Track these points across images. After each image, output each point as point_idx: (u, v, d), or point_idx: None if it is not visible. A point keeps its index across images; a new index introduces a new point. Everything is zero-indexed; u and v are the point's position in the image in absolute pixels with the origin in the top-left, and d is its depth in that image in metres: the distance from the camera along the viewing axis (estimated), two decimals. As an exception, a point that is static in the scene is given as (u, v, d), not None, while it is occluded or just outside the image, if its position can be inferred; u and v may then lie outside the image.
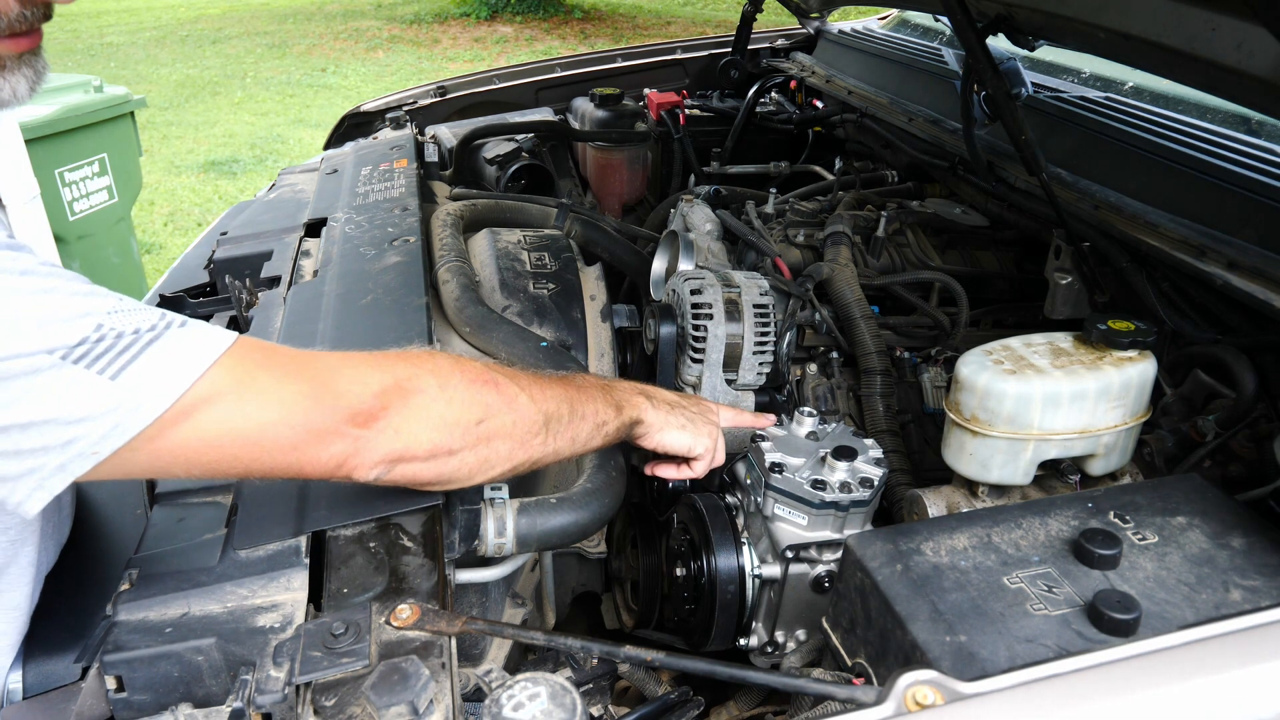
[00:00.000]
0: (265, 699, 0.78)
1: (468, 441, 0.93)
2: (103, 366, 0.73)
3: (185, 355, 0.77)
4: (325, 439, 0.85)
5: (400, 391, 0.89)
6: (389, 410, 0.87)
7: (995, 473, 1.16)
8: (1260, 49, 1.12)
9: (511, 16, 12.54)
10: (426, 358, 0.94)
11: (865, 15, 3.00)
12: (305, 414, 0.83)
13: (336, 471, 0.87)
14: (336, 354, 0.91)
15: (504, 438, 0.96)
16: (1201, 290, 1.30)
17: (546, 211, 1.87)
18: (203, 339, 0.80)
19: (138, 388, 0.74)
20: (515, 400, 0.97)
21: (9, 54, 0.83)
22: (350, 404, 0.86)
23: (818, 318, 1.63)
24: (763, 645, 1.23)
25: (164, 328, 0.78)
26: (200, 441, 0.79)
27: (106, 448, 0.74)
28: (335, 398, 0.85)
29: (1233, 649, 0.74)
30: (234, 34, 12.21)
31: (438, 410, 0.91)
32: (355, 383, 0.87)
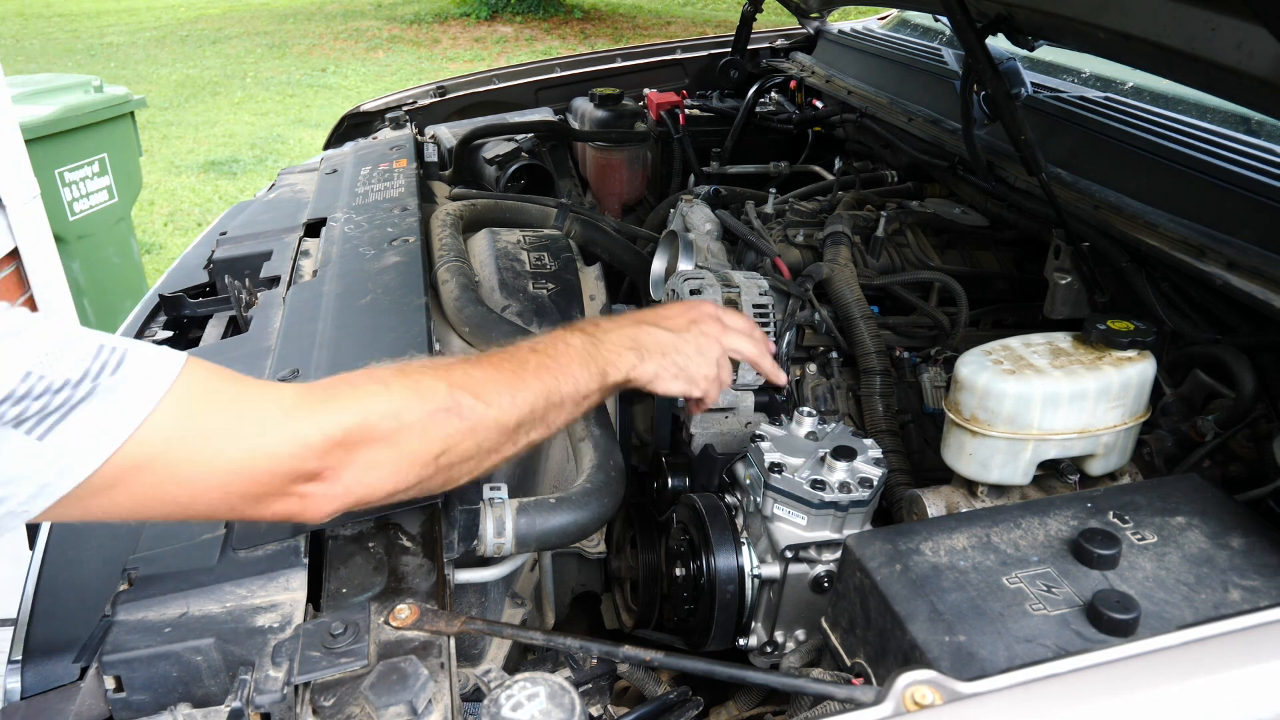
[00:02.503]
0: (264, 699, 0.78)
1: (426, 475, 0.88)
2: (30, 425, 0.69)
3: (116, 414, 0.72)
4: (267, 500, 0.80)
5: (347, 446, 0.82)
6: (336, 469, 0.82)
7: (995, 473, 1.16)
8: (1260, 49, 1.12)
9: (511, 16, 12.55)
10: (380, 390, 0.86)
11: (865, 15, 3.00)
12: (244, 479, 0.78)
13: (286, 520, 0.84)
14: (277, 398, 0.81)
15: (468, 458, 0.91)
16: (1201, 290, 1.30)
17: (546, 211, 1.87)
18: (137, 390, 0.73)
19: (64, 450, 0.70)
20: (480, 422, 0.90)
21: None
22: (292, 467, 0.80)
23: (817, 318, 1.63)
24: (762, 645, 1.23)
25: (97, 375, 0.72)
26: (135, 500, 0.76)
27: (37, 506, 0.71)
28: (275, 461, 0.79)
29: (1232, 649, 0.74)
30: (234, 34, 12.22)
31: (390, 458, 0.85)
32: (296, 442, 0.80)
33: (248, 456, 0.78)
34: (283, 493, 0.80)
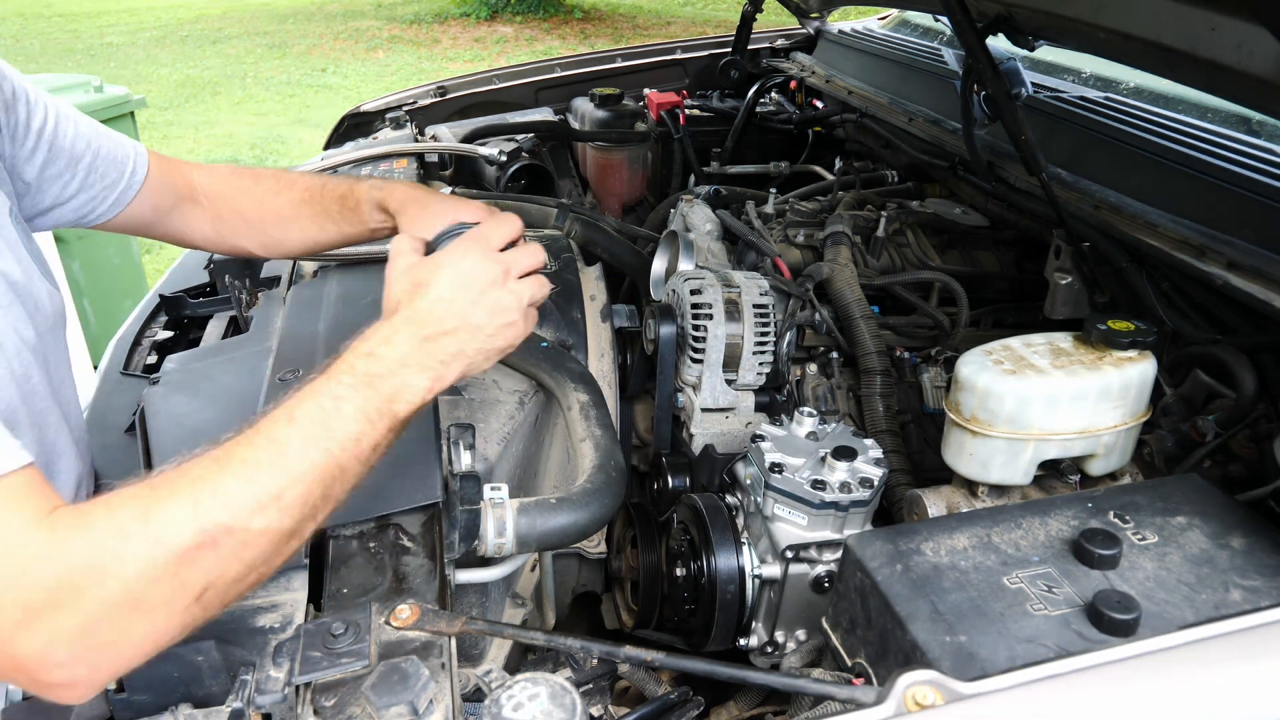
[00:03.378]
0: (265, 699, 0.78)
1: (193, 617, 0.74)
2: None
3: None
4: (16, 679, 0.70)
5: (91, 648, 0.68)
6: (79, 680, 0.69)
7: (995, 473, 1.16)
8: (1260, 49, 1.12)
9: (511, 16, 12.55)
10: (117, 545, 0.70)
11: (865, 15, 3.00)
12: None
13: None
14: (16, 572, 0.68)
15: (241, 579, 0.77)
16: (1201, 290, 1.30)
17: (546, 211, 1.87)
18: None
19: None
20: (244, 544, 0.75)
21: None
22: (33, 679, 0.68)
23: (818, 318, 1.63)
24: (763, 645, 1.23)
25: None
26: None
27: None
28: (15, 667, 0.67)
29: (1233, 649, 0.74)
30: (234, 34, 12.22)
31: (145, 627, 0.71)
32: (36, 660, 0.67)
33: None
34: (31, 680, 0.69)
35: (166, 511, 0.72)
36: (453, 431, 1.09)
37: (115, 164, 1.20)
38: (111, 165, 1.20)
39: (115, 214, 1.22)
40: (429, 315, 0.90)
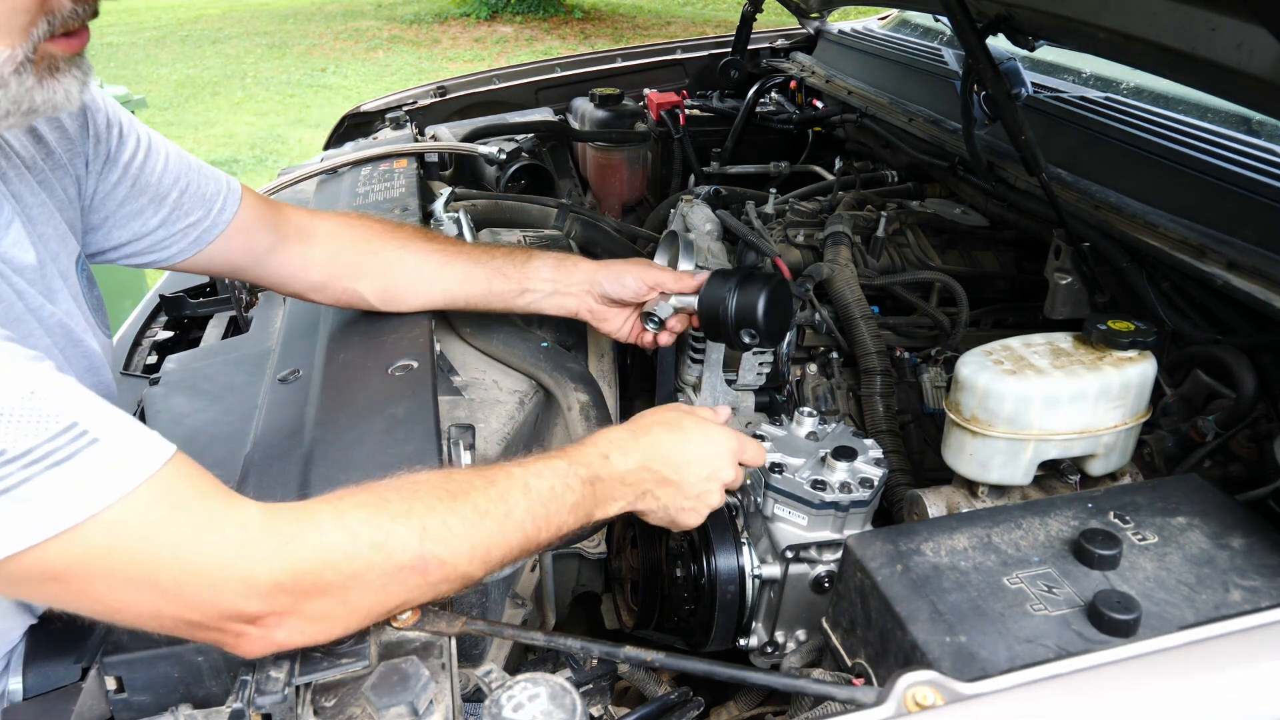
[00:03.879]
0: (265, 700, 0.78)
1: (372, 621, 0.83)
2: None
3: (47, 507, 0.66)
4: (198, 629, 0.76)
5: (296, 594, 0.76)
6: (278, 616, 0.76)
7: (995, 473, 1.16)
8: (1260, 49, 1.12)
9: (511, 16, 12.55)
10: (342, 544, 0.78)
11: (865, 15, 3.00)
12: (177, 607, 0.73)
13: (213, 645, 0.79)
14: (245, 525, 0.76)
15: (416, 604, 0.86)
16: (1201, 290, 1.30)
17: (546, 212, 1.87)
18: (84, 485, 0.68)
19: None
20: (445, 579, 0.84)
21: (61, 55, 0.79)
22: (231, 606, 0.74)
23: (818, 318, 1.63)
24: (763, 645, 1.23)
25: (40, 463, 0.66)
26: (54, 594, 0.72)
27: None
28: (215, 596, 0.73)
29: (1233, 649, 0.74)
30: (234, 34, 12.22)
31: (339, 612, 0.79)
32: (242, 583, 0.74)
33: (188, 584, 0.73)
34: (216, 628, 0.75)
35: (397, 530, 0.80)
36: (453, 431, 1.09)
37: (203, 201, 1.15)
38: (199, 202, 1.15)
39: (195, 253, 1.17)
40: (665, 460, 1.02)
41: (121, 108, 1.11)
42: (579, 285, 1.36)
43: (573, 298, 1.37)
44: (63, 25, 0.78)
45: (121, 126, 1.09)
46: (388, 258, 1.29)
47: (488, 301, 1.35)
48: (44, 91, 0.79)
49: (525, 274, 1.34)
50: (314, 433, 1.07)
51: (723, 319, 1.29)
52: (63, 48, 0.80)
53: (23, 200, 0.95)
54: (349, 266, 1.28)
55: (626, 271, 1.35)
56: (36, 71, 0.78)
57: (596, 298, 1.37)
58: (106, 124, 1.07)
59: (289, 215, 1.26)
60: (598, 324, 1.40)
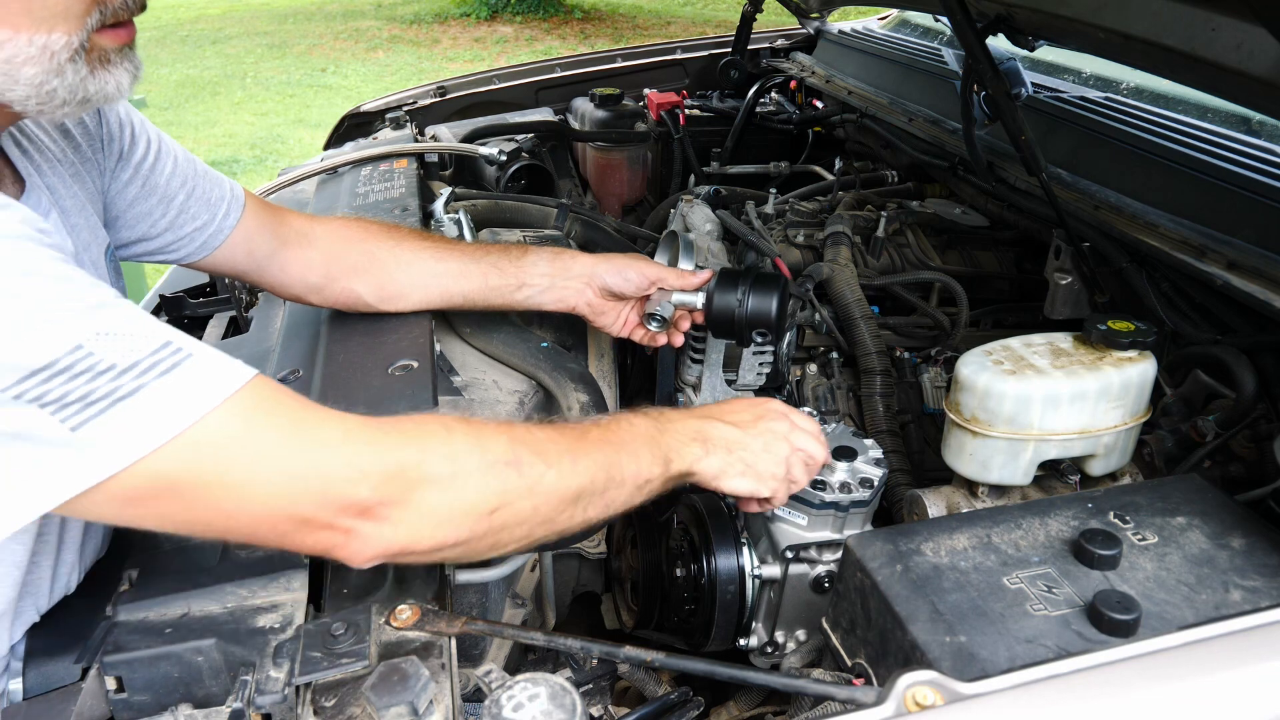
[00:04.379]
0: (265, 699, 0.78)
1: (478, 531, 0.84)
2: (65, 414, 0.67)
3: (161, 413, 0.70)
4: (311, 527, 0.77)
5: (403, 483, 0.79)
6: (388, 503, 0.78)
7: (995, 473, 1.16)
8: (1260, 49, 1.12)
9: (511, 16, 12.54)
10: (440, 435, 0.83)
11: (865, 15, 3.00)
12: (292, 499, 0.76)
13: (326, 555, 0.81)
14: (338, 422, 0.80)
15: (522, 522, 0.87)
16: (1201, 290, 1.30)
17: (546, 212, 1.87)
18: (192, 392, 0.71)
19: (95, 444, 0.68)
20: (540, 481, 0.86)
21: (112, 46, 0.82)
22: (344, 493, 0.77)
23: (818, 318, 1.63)
24: (763, 645, 1.23)
25: (150, 371, 0.70)
26: (170, 506, 0.74)
27: (54, 498, 0.69)
28: (327, 484, 0.76)
29: (1233, 649, 0.74)
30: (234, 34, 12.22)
31: (445, 501, 0.81)
32: (353, 468, 0.77)
33: (299, 477, 0.76)
34: (328, 523, 0.77)
35: (487, 429, 0.87)
36: (453, 432, 1.09)
37: (208, 205, 1.17)
38: (204, 206, 1.17)
39: (202, 256, 1.19)
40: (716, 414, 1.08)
41: (133, 108, 1.13)
42: (577, 278, 1.36)
43: (571, 291, 1.37)
44: (114, 16, 0.81)
45: (134, 127, 1.11)
46: (383, 256, 1.29)
47: (485, 297, 1.35)
48: (96, 82, 0.82)
49: (521, 268, 1.34)
50: (314, 433, 1.07)
51: (737, 320, 1.30)
52: (111, 39, 0.82)
53: (56, 192, 0.97)
54: (346, 267, 1.29)
55: (628, 265, 1.36)
56: (89, 61, 0.81)
57: (596, 291, 1.37)
58: (119, 123, 1.09)
59: (289, 220, 1.28)
60: (594, 318, 1.40)
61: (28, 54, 0.76)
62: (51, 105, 0.80)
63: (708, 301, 1.32)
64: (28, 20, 0.75)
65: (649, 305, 1.37)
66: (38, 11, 0.75)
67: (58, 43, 0.77)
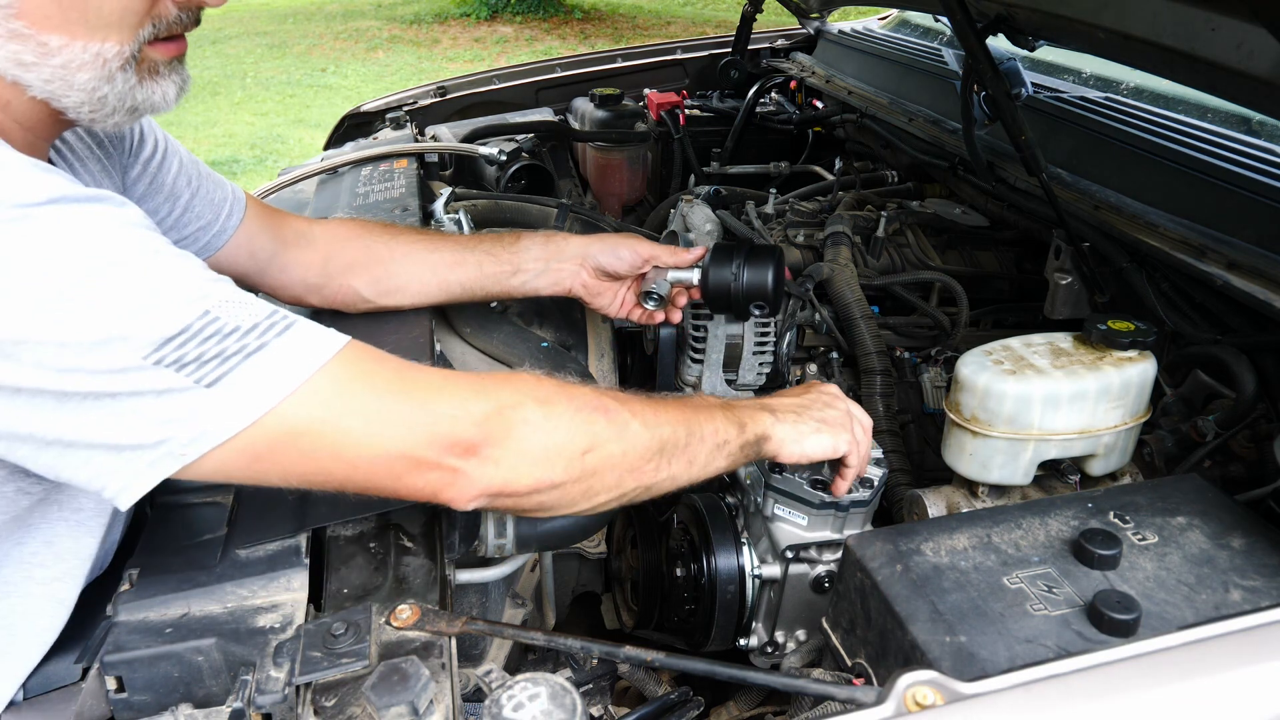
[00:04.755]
0: (265, 699, 0.78)
1: (572, 473, 0.88)
2: (200, 373, 0.73)
3: (286, 365, 0.76)
4: (422, 467, 0.82)
5: (503, 421, 0.84)
6: (490, 441, 0.83)
7: (995, 473, 1.16)
8: (1260, 49, 1.12)
9: (511, 16, 12.54)
10: (532, 382, 0.90)
11: (865, 15, 3.00)
12: (403, 440, 0.81)
13: (434, 498, 0.85)
14: (439, 372, 0.87)
15: (612, 468, 0.91)
16: (1201, 290, 1.30)
17: (546, 212, 1.87)
18: (307, 347, 0.78)
19: (230, 397, 0.74)
20: (626, 427, 0.91)
21: (162, 59, 0.85)
22: (450, 432, 0.82)
23: (818, 318, 1.63)
24: (763, 645, 1.23)
25: (270, 331, 0.77)
26: (294, 456, 0.79)
27: (194, 451, 0.74)
28: (434, 424, 0.82)
29: (1233, 649, 0.74)
30: (234, 34, 12.21)
31: (541, 441, 0.86)
32: (457, 409, 0.83)
33: (409, 419, 0.81)
34: (436, 463, 0.82)
35: (573, 381, 0.94)
36: (453, 432, 1.09)
37: (212, 206, 1.19)
38: (208, 207, 1.19)
39: (206, 257, 1.20)
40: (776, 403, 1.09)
41: None
42: (571, 260, 1.36)
43: (565, 274, 1.36)
44: (167, 30, 0.84)
45: (142, 126, 1.12)
46: (379, 251, 1.30)
47: (482, 285, 1.35)
48: (144, 91, 0.85)
49: (515, 254, 1.35)
50: (314, 433, 1.07)
51: (733, 293, 1.30)
52: (162, 52, 0.85)
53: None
54: (343, 264, 1.30)
55: (621, 244, 1.36)
56: (138, 71, 0.83)
57: (590, 272, 1.37)
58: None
59: (288, 222, 1.29)
60: (591, 299, 1.40)
61: (82, 60, 0.79)
62: (103, 112, 0.83)
63: (703, 276, 1.32)
64: (84, 28, 0.78)
65: (644, 283, 1.36)
66: (93, 20, 0.78)
67: (110, 50, 0.80)
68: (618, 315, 1.42)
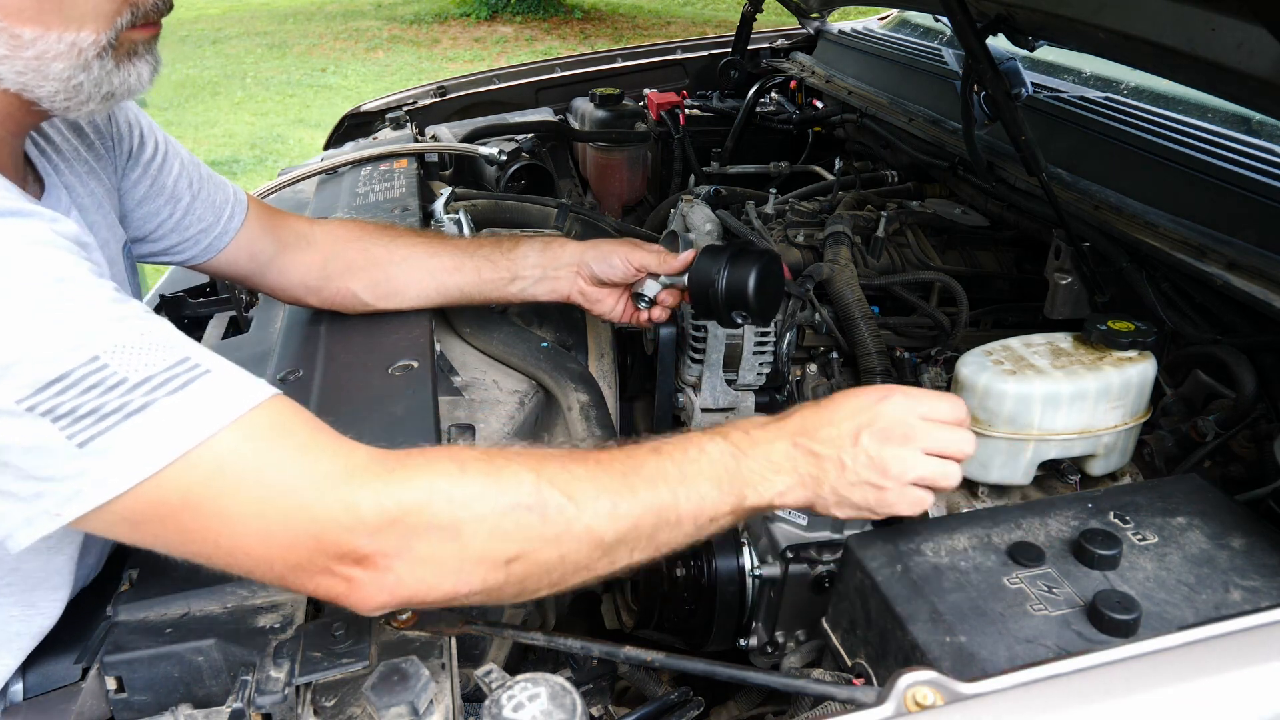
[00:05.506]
0: (265, 699, 0.78)
1: (492, 583, 0.77)
2: (75, 429, 0.65)
3: (167, 432, 0.68)
4: (310, 572, 0.74)
5: (403, 530, 0.73)
6: (387, 554, 0.73)
7: (995, 473, 1.16)
8: (1260, 49, 1.12)
9: (511, 16, 12.54)
10: (453, 472, 0.76)
11: (865, 15, 3.00)
12: (284, 544, 0.72)
13: (332, 603, 0.77)
14: (345, 459, 0.75)
15: (548, 571, 0.79)
16: (1201, 290, 1.30)
17: (546, 212, 1.87)
18: (200, 411, 0.70)
19: (101, 462, 0.66)
20: (568, 530, 0.77)
21: (141, 40, 0.84)
22: (338, 541, 0.72)
23: (818, 318, 1.63)
24: (763, 645, 1.23)
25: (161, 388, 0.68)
26: (172, 531, 0.72)
27: (70, 512, 0.68)
28: (322, 530, 0.72)
29: (1233, 649, 0.74)
30: (234, 34, 12.21)
31: (451, 552, 0.75)
32: (350, 514, 0.72)
33: (294, 514, 0.72)
34: (326, 569, 0.73)
35: (511, 466, 0.77)
36: (453, 432, 1.09)
37: (213, 208, 1.19)
38: (210, 208, 1.18)
39: (207, 259, 1.20)
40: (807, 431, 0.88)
41: (141, 109, 1.14)
42: (567, 267, 1.35)
43: (562, 281, 1.36)
44: (145, 16, 0.82)
45: (142, 128, 1.11)
46: (378, 254, 1.30)
47: (481, 291, 1.35)
48: (120, 75, 0.83)
49: (513, 261, 1.34)
50: (314, 433, 1.07)
51: (714, 299, 1.28)
52: (141, 34, 0.84)
53: (74, 190, 0.98)
54: (342, 266, 1.29)
55: (613, 252, 1.35)
56: (115, 56, 0.82)
57: (586, 279, 1.36)
58: (129, 124, 1.10)
59: (289, 223, 1.29)
60: (590, 306, 1.39)
61: (57, 50, 0.77)
62: (78, 100, 0.81)
63: (689, 280, 1.31)
64: (59, 19, 0.76)
65: (635, 286, 1.36)
66: (69, 11, 0.76)
67: (86, 40, 0.78)
68: (621, 320, 1.42)
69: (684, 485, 0.83)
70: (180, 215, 1.15)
